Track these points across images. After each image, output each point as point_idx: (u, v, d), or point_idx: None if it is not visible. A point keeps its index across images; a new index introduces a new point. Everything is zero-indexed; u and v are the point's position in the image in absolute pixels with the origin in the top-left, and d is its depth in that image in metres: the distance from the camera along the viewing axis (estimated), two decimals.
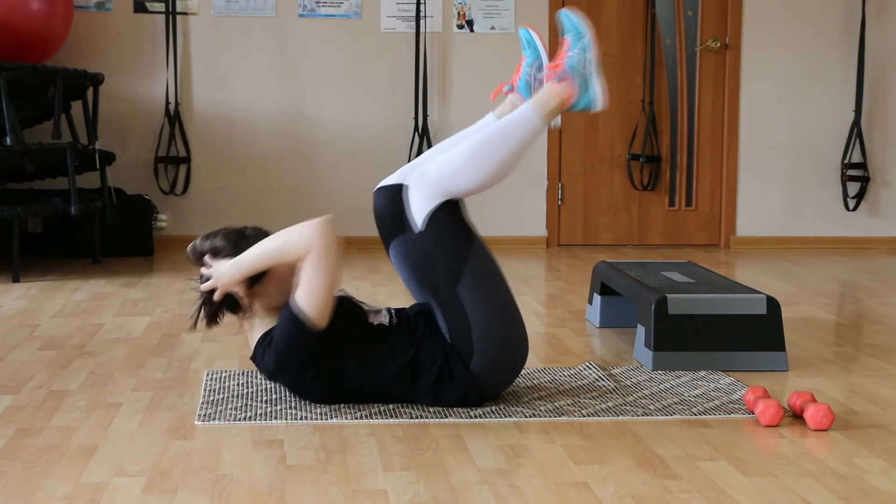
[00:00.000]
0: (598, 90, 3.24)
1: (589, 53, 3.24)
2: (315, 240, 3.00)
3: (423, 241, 3.14)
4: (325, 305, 3.03)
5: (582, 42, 3.24)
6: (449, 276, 3.11)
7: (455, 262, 3.11)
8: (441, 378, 3.11)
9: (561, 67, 3.23)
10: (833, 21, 7.13)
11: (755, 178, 7.18)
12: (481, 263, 3.15)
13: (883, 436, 2.96)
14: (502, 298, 3.16)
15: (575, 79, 3.23)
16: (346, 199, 6.87)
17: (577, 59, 3.23)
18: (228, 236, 3.19)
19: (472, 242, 3.15)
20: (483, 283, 3.13)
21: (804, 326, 4.43)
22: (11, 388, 3.39)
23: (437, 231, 3.13)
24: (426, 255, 3.15)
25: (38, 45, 6.13)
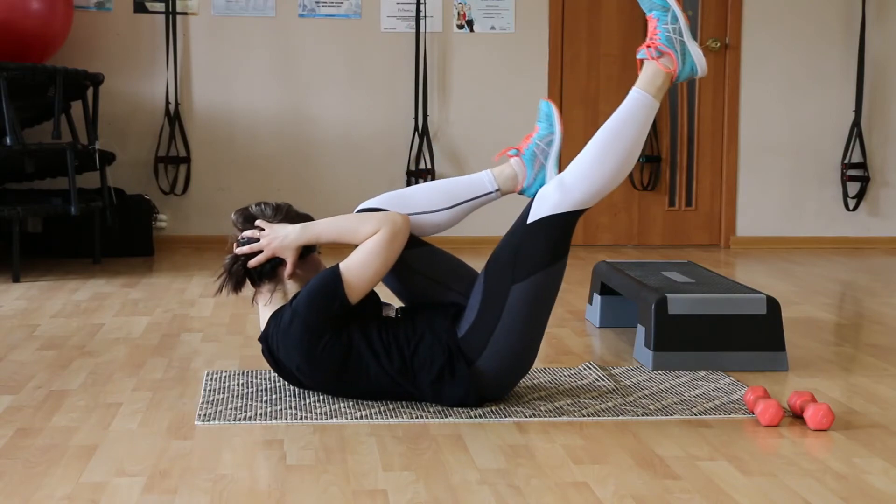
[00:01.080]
0: (697, 55, 3.28)
1: (679, 23, 3.27)
2: (387, 224, 3.09)
3: (522, 232, 3.16)
4: (367, 285, 3.11)
5: (669, 13, 3.26)
6: (517, 271, 3.12)
7: (532, 264, 3.13)
8: (442, 376, 3.11)
9: (656, 43, 3.26)
10: (833, 21, 7.13)
11: (755, 178, 7.18)
12: (549, 283, 3.17)
13: (883, 436, 2.96)
14: (539, 320, 3.19)
15: (674, 50, 3.26)
16: (346, 199, 6.86)
17: (669, 31, 3.26)
18: (280, 209, 3.26)
19: (556, 262, 3.17)
20: (535, 298, 3.14)
21: (804, 326, 4.43)
22: (11, 388, 3.39)
23: (541, 231, 3.16)
24: (513, 244, 3.16)
25: (38, 45, 6.13)
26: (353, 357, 3.12)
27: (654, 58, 3.26)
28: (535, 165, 3.37)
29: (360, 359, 3.12)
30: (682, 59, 3.27)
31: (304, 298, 3.10)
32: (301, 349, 3.13)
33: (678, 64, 3.27)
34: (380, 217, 3.13)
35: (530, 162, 3.37)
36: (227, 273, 3.23)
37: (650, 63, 3.27)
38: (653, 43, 3.27)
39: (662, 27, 3.26)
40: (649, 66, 3.28)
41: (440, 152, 6.93)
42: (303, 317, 3.09)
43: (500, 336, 3.10)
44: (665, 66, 3.26)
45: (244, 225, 3.23)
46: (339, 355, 3.12)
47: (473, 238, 4.71)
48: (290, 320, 3.11)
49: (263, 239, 3.18)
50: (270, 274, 3.20)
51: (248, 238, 3.20)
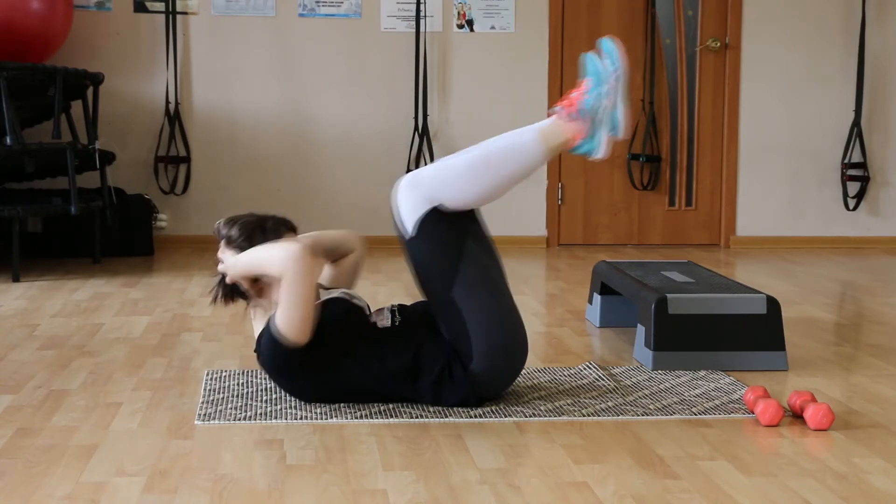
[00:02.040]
0: (603, 140, 3.19)
1: (606, 101, 3.18)
2: (288, 268, 3.00)
3: (414, 247, 3.15)
4: (301, 327, 3.03)
5: (602, 88, 3.17)
6: (442, 281, 3.11)
7: (447, 267, 3.11)
8: (442, 378, 3.11)
9: (576, 107, 3.19)
10: (833, 21, 7.13)
11: (755, 178, 7.18)
12: (475, 267, 3.13)
13: (883, 436, 2.96)
14: (500, 302, 3.15)
15: (587, 122, 3.18)
16: (346, 199, 6.88)
17: (594, 104, 3.18)
18: (245, 227, 3.20)
19: (464, 247, 3.14)
20: (478, 288, 3.12)
21: (804, 326, 4.43)
22: (11, 387, 3.39)
23: (428, 236, 3.12)
24: (418, 260, 3.16)
25: (38, 44, 6.13)
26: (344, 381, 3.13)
27: (567, 118, 3.18)
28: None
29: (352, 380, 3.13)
30: (588, 135, 3.18)
31: (263, 351, 3.12)
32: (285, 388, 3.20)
33: (582, 136, 3.18)
34: (280, 258, 3.00)
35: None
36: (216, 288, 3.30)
37: (561, 120, 3.19)
38: (573, 104, 3.18)
39: (589, 96, 3.17)
40: (557, 121, 3.20)
41: (440, 152, 6.93)
42: (270, 366, 3.14)
43: (479, 337, 3.09)
44: (570, 131, 3.18)
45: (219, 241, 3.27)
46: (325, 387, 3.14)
47: None
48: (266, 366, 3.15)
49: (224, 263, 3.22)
50: (241, 293, 3.25)
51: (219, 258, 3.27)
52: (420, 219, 3.12)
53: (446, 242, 3.13)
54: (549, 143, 3.20)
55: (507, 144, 3.21)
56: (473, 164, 3.17)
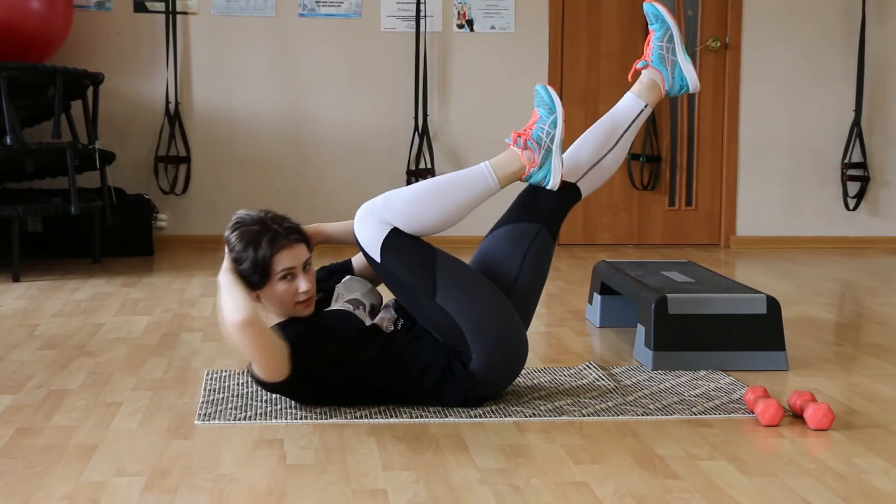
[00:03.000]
0: (555, 169, 3.26)
1: (556, 130, 3.26)
2: (230, 335, 2.94)
3: (386, 271, 3.14)
4: (271, 373, 3.00)
5: (552, 117, 3.27)
6: (425, 290, 3.10)
7: (425, 275, 3.11)
8: (444, 378, 3.11)
9: (526, 137, 3.26)
10: (833, 21, 7.13)
11: (755, 178, 7.18)
12: (452, 268, 3.14)
13: (883, 436, 2.96)
14: (486, 296, 3.15)
15: (537, 151, 3.25)
16: (345, 199, 6.87)
17: (544, 133, 3.26)
18: (244, 236, 3.10)
19: (434, 252, 3.16)
20: (461, 286, 3.12)
21: (804, 326, 4.43)
22: (11, 387, 3.39)
23: (396, 255, 3.12)
24: (395, 281, 3.15)
25: (38, 44, 6.13)
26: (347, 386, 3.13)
27: (519, 147, 3.25)
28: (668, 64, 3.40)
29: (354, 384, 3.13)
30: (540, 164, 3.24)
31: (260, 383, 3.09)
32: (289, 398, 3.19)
33: (534, 166, 3.24)
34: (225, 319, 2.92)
35: (661, 65, 3.41)
36: None
37: (512, 150, 3.26)
38: (524, 134, 3.25)
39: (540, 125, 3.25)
40: (510, 152, 3.26)
41: (440, 152, 6.93)
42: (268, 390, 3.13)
43: (474, 336, 3.09)
44: (523, 160, 3.24)
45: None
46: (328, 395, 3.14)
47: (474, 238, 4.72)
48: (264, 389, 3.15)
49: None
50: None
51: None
52: (382, 241, 3.11)
53: (414, 253, 3.14)
54: (501, 171, 3.25)
55: (457, 175, 3.26)
56: (423, 193, 3.19)
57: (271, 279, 3.09)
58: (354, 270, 3.43)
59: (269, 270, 3.08)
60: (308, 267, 3.15)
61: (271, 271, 3.08)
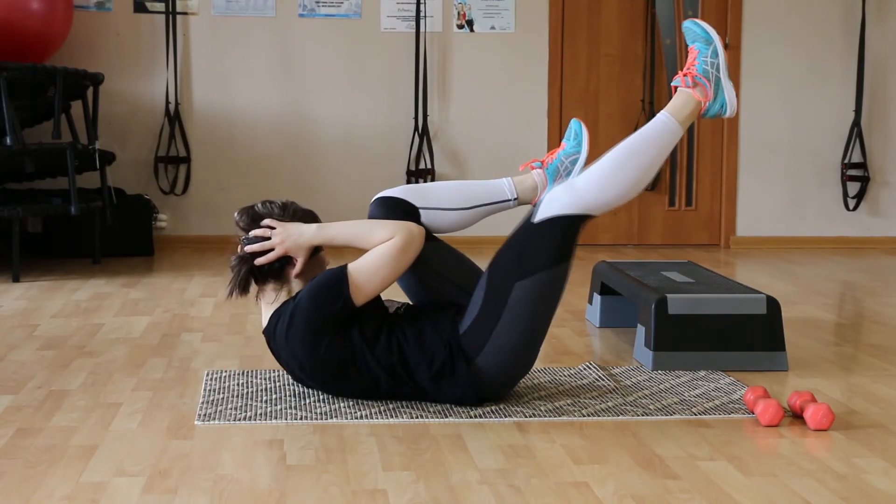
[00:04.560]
0: (730, 95, 3.32)
1: (719, 59, 3.31)
2: (402, 232, 3.08)
3: (528, 230, 3.16)
4: (374, 290, 3.10)
5: (711, 48, 3.32)
6: (521, 269, 3.12)
7: (536, 263, 3.12)
8: (442, 373, 3.11)
9: (693, 74, 3.30)
10: (833, 21, 7.13)
11: (755, 178, 7.18)
12: (552, 283, 3.15)
13: (883, 436, 2.96)
14: (541, 320, 3.18)
15: (708, 84, 3.29)
16: (346, 199, 6.87)
17: (708, 65, 3.30)
18: (286, 209, 3.24)
19: (563, 262, 3.17)
20: (538, 297, 3.13)
21: (804, 326, 4.43)
22: (11, 388, 3.39)
23: (546, 231, 3.15)
24: (521, 239, 3.16)
25: (38, 44, 6.13)
26: (354, 356, 3.12)
27: (688, 86, 3.30)
28: (557, 181, 3.39)
29: (361, 357, 3.12)
30: (714, 96, 3.31)
31: (307, 295, 3.10)
32: (304, 348, 3.12)
33: (708, 99, 3.30)
34: (396, 224, 3.13)
35: (552, 176, 3.42)
36: (236, 275, 3.21)
37: (683, 91, 3.31)
38: (689, 72, 3.31)
39: (702, 59, 3.31)
40: (682, 93, 3.32)
41: (440, 152, 6.93)
42: (305, 314, 3.09)
43: (501, 333, 3.10)
44: (697, 96, 3.30)
45: (250, 224, 3.20)
46: (341, 355, 3.12)
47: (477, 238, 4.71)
48: (292, 318, 3.10)
49: (275, 237, 3.16)
50: (278, 272, 3.19)
51: (255, 237, 3.18)
52: (554, 215, 3.15)
53: (554, 248, 3.15)
54: (680, 114, 3.29)
55: (644, 133, 3.30)
56: (619, 159, 3.25)
57: (319, 252, 3.24)
58: None
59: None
60: None
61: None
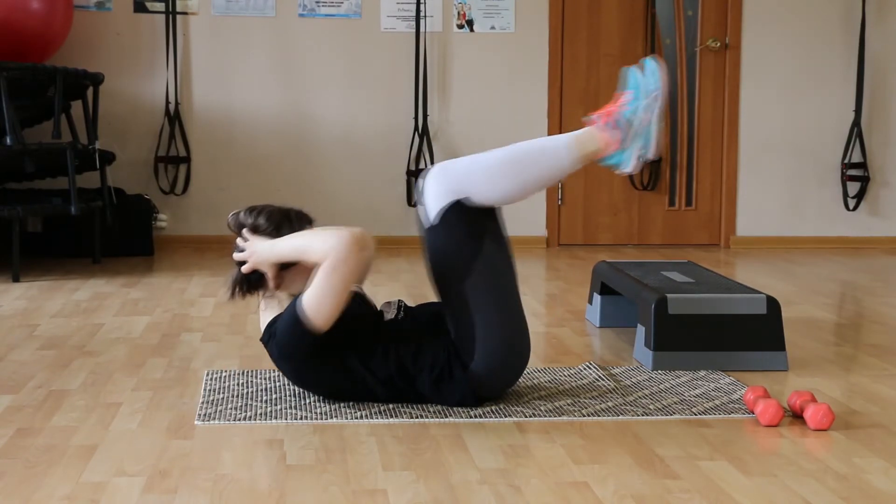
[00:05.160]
0: (634, 154, 3.21)
1: (643, 115, 3.19)
2: (335, 250, 2.97)
3: (433, 236, 3.15)
4: (329, 314, 3.02)
5: (641, 102, 3.20)
6: (456, 275, 3.11)
7: (462, 262, 3.11)
8: (442, 377, 3.11)
9: (613, 117, 3.20)
10: (833, 21, 7.13)
11: (755, 178, 7.18)
12: (490, 267, 3.14)
13: (883, 436, 2.96)
14: (509, 302, 3.16)
15: (622, 133, 3.19)
16: (345, 199, 6.88)
17: (631, 117, 3.19)
18: (272, 217, 3.18)
19: (482, 245, 3.14)
20: (489, 287, 3.12)
21: (804, 326, 4.43)
22: (11, 387, 3.39)
23: (449, 228, 3.12)
24: (435, 249, 3.15)
25: (38, 44, 6.13)
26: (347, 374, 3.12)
27: (604, 127, 3.19)
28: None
29: (355, 373, 3.12)
30: (622, 147, 3.19)
31: (280, 333, 3.10)
32: (291, 375, 3.19)
33: (615, 148, 3.19)
34: (329, 240, 2.99)
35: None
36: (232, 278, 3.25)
37: (597, 128, 3.20)
38: (612, 113, 3.20)
39: (630, 108, 3.19)
40: (594, 129, 3.21)
41: (440, 152, 6.93)
42: (283, 349, 3.11)
43: (484, 335, 3.09)
44: (605, 140, 3.19)
45: (236, 231, 3.24)
46: (330, 378, 3.14)
47: None
48: (276, 349, 3.14)
49: (246, 251, 3.19)
50: (259, 283, 3.22)
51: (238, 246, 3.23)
52: (444, 209, 3.12)
53: (465, 237, 3.13)
54: (581, 149, 3.20)
55: (540, 146, 3.23)
56: (505, 161, 3.18)
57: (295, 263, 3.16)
58: None
59: None
60: None
61: None
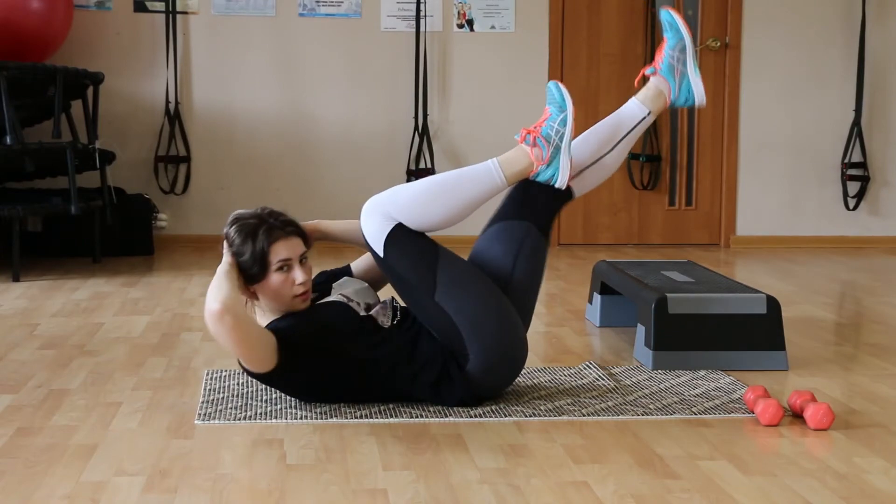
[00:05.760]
0: (563, 167, 3.25)
1: (565, 129, 3.25)
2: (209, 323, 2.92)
3: (388, 265, 3.15)
4: (255, 363, 3.01)
5: (562, 115, 3.26)
6: (424, 288, 3.11)
7: (426, 273, 3.11)
8: (440, 379, 3.11)
9: (535, 134, 3.25)
10: (833, 21, 7.13)
11: (755, 177, 7.18)
12: (454, 267, 3.15)
13: (883, 435, 2.96)
14: (485, 298, 3.15)
15: (546, 149, 3.24)
16: (345, 199, 6.87)
17: (553, 131, 3.24)
18: (242, 230, 3.12)
19: (438, 250, 3.17)
20: (461, 285, 3.12)
21: (804, 326, 4.43)
22: (11, 387, 3.39)
23: (399, 250, 3.13)
24: (396, 276, 3.16)
25: (38, 44, 6.13)
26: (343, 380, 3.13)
27: (528, 144, 3.24)
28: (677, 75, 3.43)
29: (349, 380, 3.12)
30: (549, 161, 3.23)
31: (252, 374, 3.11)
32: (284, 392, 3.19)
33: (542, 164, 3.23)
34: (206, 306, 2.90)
35: (669, 75, 3.43)
36: None
37: (522, 147, 3.25)
38: (533, 132, 3.24)
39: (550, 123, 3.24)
40: (520, 149, 3.25)
41: (440, 152, 6.93)
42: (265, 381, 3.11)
43: (472, 337, 3.09)
44: (529, 158, 3.23)
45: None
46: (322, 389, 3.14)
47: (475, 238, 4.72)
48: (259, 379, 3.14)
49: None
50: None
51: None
52: (386, 237, 3.12)
53: (418, 250, 3.14)
54: (509, 168, 3.24)
55: (465, 171, 3.25)
56: (429, 189, 3.19)
57: (269, 271, 3.09)
58: (353, 274, 3.43)
59: (266, 261, 3.07)
60: (305, 261, 3.15)
61: (268, 262, 3.07)
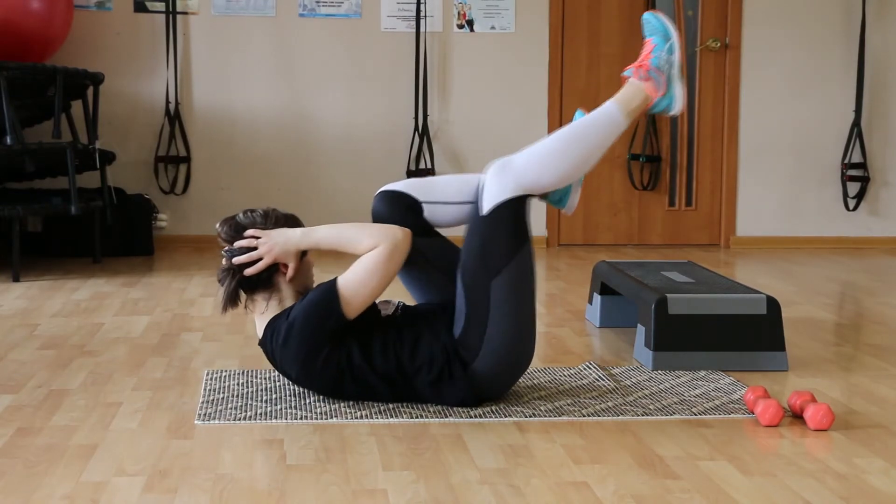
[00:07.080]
0: (679, 93, 3.32)
1: (674, 56, 3.31)
2: (387, 240, 3.06)
3: (481, 225, 3.16)
4: (365, 302, 3.09)
5: (668, 43, 3.32)
6: (489, 267, 3.12)
7: (501, 257, 3.12)
8: (441, 377, 3.11)
9: (647, 67, 3.30)
10: (833, 21, 7.13)
11: (755, 178, 7.18)
12: (523, 270, 3.16)
13: (883, 436, 2.96)
14: (525, 309, 3.17)
15: (661, 79, 3.30)
16: (345, 199, 6.88)
17: (663, 61, 3.31)
18: (269, 215, 3.23)
19: (524, 245, 3.17)
20: (516, 287, 3.13)
21: (804, 326, 4.43)
22: (11, 387, 3.39)
23: (498, 222, 3.15)
24: (478, 237, 3.15)
25: (38, 44, 6.13)
26: (351, 367, 3.12)
27: (641, 79, 3.30)
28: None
29: (358, 367, 3.12)
30: (665, 91, 3.31)
31: (300, 313, 3.08)
32: (299, 363, 3.13)
33: (658, 94, 3.31)
34: (381, 231, 3.10)
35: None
36: (226, 289, 3.20)
37: (634, 83, 3.32)
38: (643, 65, 3.31)
39: (658, 53, 3.31)
40: (632, 85, 3.32)
41: (440, 152, 6.93)
42: (299, 332, 3.08)
43: (493, 334, 3.10)
44: (648, 90, 3.30)
45: (233, 236, 3.19)
46: (337, 367, 3.12)
47: None
48: (287, 334, 3.10)
49: (262, 247, 3.15)
50: (266, 282, 3.18)
51: (241, 248, 3.17)
52: (500, 203, 3.15)
53: (508, 236, 3.16)
54: (628, 106, 3.30)
55: (588, 119, 3.30)
56: (560, 143, 3.24)
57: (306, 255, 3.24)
58: None
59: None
60: None
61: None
